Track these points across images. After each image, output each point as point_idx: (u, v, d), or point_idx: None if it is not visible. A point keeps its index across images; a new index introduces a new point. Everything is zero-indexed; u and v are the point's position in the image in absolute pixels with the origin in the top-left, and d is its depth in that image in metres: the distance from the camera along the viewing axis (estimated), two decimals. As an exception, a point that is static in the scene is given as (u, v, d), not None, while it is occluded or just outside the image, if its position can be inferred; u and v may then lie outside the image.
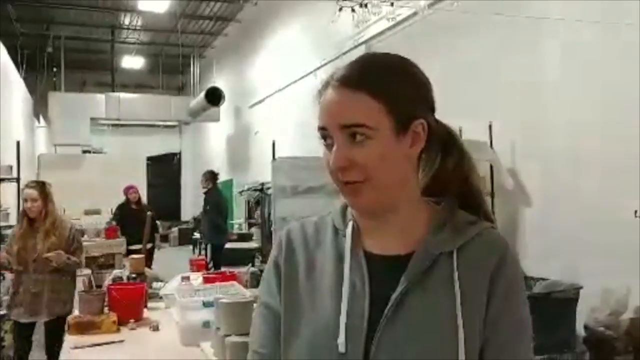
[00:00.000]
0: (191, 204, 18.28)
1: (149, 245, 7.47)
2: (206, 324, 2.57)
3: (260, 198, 10.36)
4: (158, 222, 8.92)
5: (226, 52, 15.36)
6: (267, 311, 1.05)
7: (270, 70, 11.77)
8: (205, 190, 9.06)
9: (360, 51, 7.33)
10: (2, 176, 6.63)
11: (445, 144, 1.04)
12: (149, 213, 5.40)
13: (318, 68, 8.66)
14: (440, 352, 0.91)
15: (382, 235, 1.00)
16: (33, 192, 4.08)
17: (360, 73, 0.96)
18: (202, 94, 13.44)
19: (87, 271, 5.87)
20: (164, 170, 19.23)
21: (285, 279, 1.04)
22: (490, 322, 0.94)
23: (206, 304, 2.65)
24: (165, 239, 13.19)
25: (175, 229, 16.91)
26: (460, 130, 3.33)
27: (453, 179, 1.03)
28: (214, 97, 13.14)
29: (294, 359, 0.99)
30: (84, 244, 7.20)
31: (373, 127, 0.93)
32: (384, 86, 0.94)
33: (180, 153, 20.14)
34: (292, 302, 1.02)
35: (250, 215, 12.03)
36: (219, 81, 14.57)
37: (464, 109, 5.12)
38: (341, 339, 0.94)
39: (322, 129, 0.96)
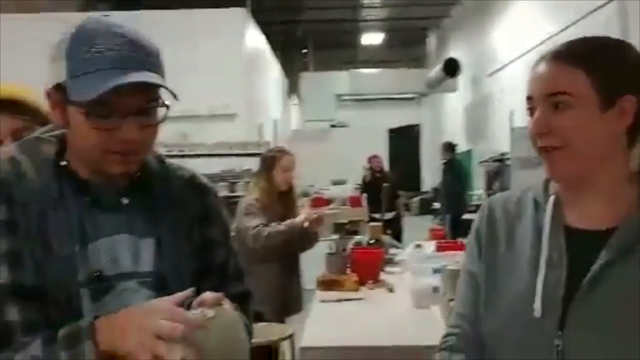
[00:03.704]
0: (430, 174, 18.50)
1: (389, 215, 7.87)
2: (436, 289, 2.74)
3: (499, 169, 10.14)
4: (400, 192, 9.23)
5: (462, 21, 15.07)
6: (468, 276, 1.14)
7: (509, 37, 11.28)
8: (444, 161, 9.19)
9: (608, 9, 6.69)
10: (261, 151, 7.44)
11: None
12: (384, 184, 5.71)
13: (556, 34, 8.11)
14: (637, 330, 0.91)
15: (584, 209, 1.02)
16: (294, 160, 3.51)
17: (573, 49, 1.01)
18: (439, 66, 13.46)
19: (335, 236, 6.45)
20: (404, 141, 19.64)
21: (486, 248, 1.11)
22: None
23: (436, 271, 2.82)
24: (407, 208, 13.62)
25: (416, 199, 17.34)
26: None
27: None
28: (451, 68, 13.08)
29: (492, 321, 1.07)
30: (333, 211, 7.74)
31: (576, 96, 0.96)
32: (593, 61, 0.98)
33: (419, 125, 20.43)
34: (492, 270, 1.09)
35: (489, 186, 11.82)
36: (455, 51, 14.39)
37: None
38: (537, 305, 0.98)
39: (528, 98, 1.03)
